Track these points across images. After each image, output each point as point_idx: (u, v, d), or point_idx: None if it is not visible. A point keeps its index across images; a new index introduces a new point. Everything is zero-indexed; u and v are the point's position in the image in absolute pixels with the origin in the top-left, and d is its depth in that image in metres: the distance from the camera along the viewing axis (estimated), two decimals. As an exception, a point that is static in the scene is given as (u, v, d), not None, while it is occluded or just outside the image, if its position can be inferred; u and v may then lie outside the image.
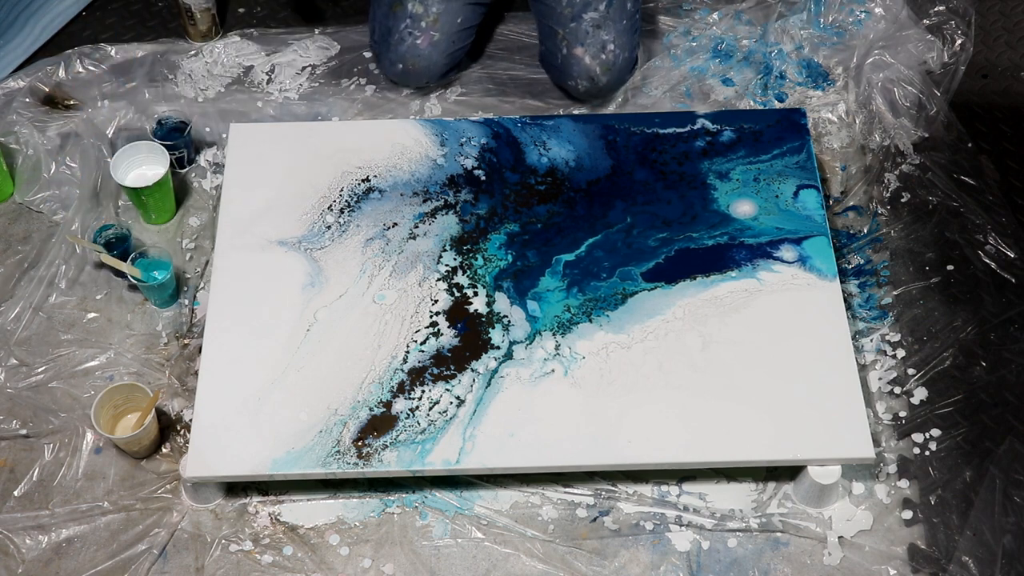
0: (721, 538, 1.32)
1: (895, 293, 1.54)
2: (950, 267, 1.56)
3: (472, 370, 1.30)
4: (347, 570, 1.29)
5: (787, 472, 1.36)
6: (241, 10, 1.92)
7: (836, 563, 1.30)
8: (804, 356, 1.30)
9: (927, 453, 1.39)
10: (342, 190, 1.46)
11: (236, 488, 1.34)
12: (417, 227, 1.42)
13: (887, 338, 1.49)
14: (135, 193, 1.54)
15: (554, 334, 1.32)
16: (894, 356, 1.47)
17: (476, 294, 1.36)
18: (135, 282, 1.45)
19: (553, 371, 1.30)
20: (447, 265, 1.39)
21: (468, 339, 1.32)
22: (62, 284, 1.51)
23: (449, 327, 1.33)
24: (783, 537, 1.32)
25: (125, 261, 1.45)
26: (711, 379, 1.29)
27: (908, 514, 1.34)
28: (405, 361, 1.31)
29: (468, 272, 1.38)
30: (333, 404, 1.27)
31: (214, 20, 1.83)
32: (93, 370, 1.44)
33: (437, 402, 1.28)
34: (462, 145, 1.51)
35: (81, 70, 1.76)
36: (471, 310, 1.35)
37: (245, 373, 1.30)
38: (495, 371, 1.30)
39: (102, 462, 1.36)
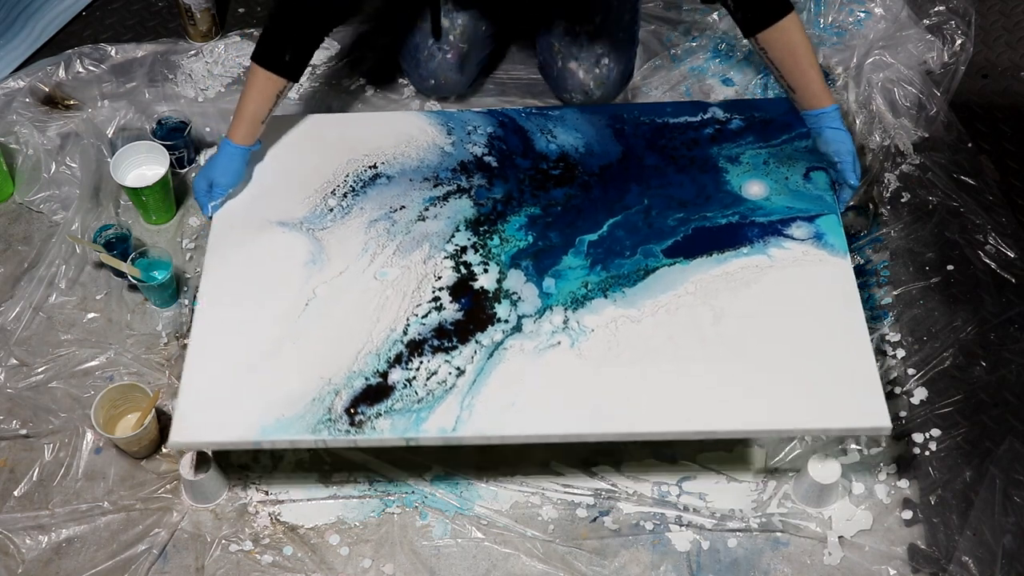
0: (721, 538, 1.32)
1: (895, 293, 1.54)
2: (950, 267, 1.56)
3: (475, 342, 1.28)
4: (347, 570, 1.29)
5: (787, 472, 1.36)
6: (241, 10, 1.92)
7: (836, 563, 1.30)
8: (816, 329, 1.28)
9: (927, 453, 1.39)
10: (347, 176, 1.45)
11: (236, 488, 1.34)
12: (427, 210, 1.41)
13: (887, 338, 1.49)
14: (135, 193, 1.54)
15: (565, 309, 1.30)
16: (894, 356, 1.47)
17: (486, 271, 1.34)
18: (135, 282, 1.45)
19: (559, 343, 1.27)
20: (457, 244, 1.37)
21: (472, 314, 1.30)
22: (62, 284, 1.51)
23: (452, 302, 1.31)
24: (783, 537, 1.32)
25: (125, 261, 1.45)
26: (722, 350, 1.26)
27: (908, 514, 1.34)
28: (405, 333, 1.28)
29: (481, 251, 1.36)
30: (327, 374, 1.25)
31: (214, 20, 1.83)
32: (93, 370, 1.44)
33: (435, 372, 1.25)
34: (469, 134, 1.50)
35: (81, 70, 1.76)
36: (476, 287, 1.33)
37: (237, 343, 1.28)
38: (500, 343, 1.27)
39: (102, 462, 1.36)
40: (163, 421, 1.39)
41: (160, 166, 1.55)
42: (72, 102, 1.73)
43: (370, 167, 1.46)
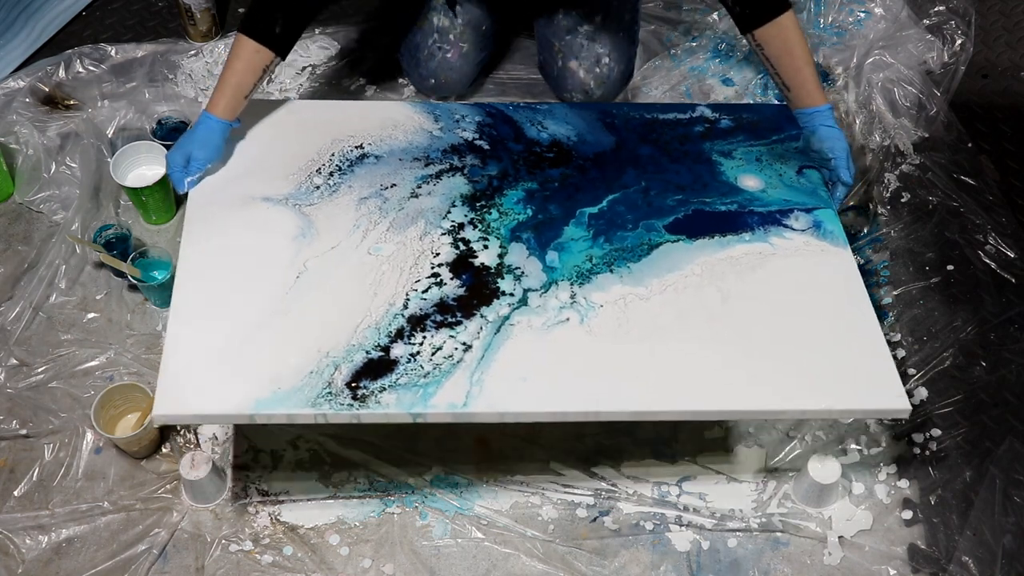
0: (721, 538, 1.32)
1: (895, 293, 1.54)
2: (950, 267, 1.56)
3: (480, 316, 1.23)
4: (347, 570, 1.29)
5: (787, 472, 1.36)
6: (241, 10, 1.92)
7: (836, 563, 1.30)
8: (827, 315, 1.26)
9: (927, 453, 1.39)
10: (332, 155, 1.39)
11: (236, 488, 1.34)
12: (420, 187, 1.36)
13: (887, 338, 1.49)
14: (135, 193, 1.54)
15: (571, 284, 1.27)
16: (894, 356, 1.47)
17: (486, 247, 1.30)
18: (135, 282, 1.45)
19: (568, 319, 1.23)
20: (453, 221, 1.33)
21: (475, 289, 1.25)
22: (62, 284, 1.51)
23: (453, 278, 1.26)
24: (783, 537, 1.32)
25: (125, 261, 1.45)
26: (735, 333, 1.24)
27: (908, 514, 1.34)
28: (405, 307, 1.23)
29: (480, 226, 1.32)
30: (324, 347, 1.18)
31: (214, 20, 1.83)
32: (93, 370, 1.43)
33: (440, 348, 1.20)
34: (457, 121, 1.47)
35: (81, 70, 1.76)
36: (477, 263, 1.28)
37: (223, 314, 1.21)
38: (506, 317, 1.23)
39: (102, 462, 1.36)
40: (163, 421, 1.39)
41: (160, 166, 1.55)
42: (72, 102, 1.73)
43: (356, 147, 1.41)
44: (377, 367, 1.18)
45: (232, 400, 1.14)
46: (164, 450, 1.38)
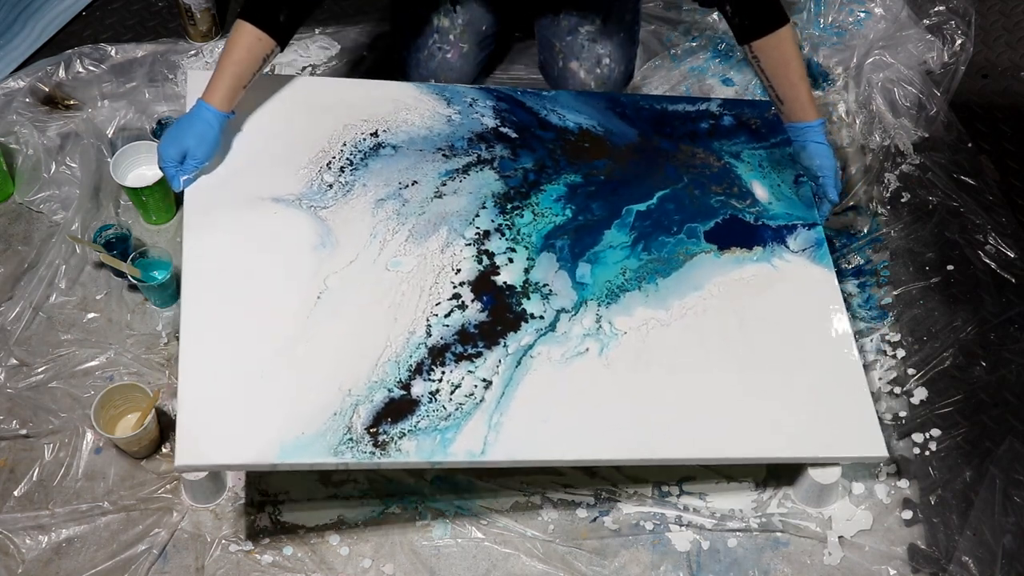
0: (721, 538, 1.32)
1: (895, 293, 1.54)
2: (950, 267, 1.56)
3: (503, 346, 1.17)
4: (347, 570, 1.29)
5: (787, 472, 1.36)
6: (241, 10, 1.92)
7: (836, 563, 1.30)
8: (817, 353, 1.28)
9: (927, 453, 1.39)
10: (344, 144, 1.29)
11: (236, 488, 1.34)
12: (444, 185, 1.26)
13: (887, 338, 1.49)
14: (135, 193, 1.54)
15: (598, 304, 1.22)
16: (894, 356, 1.47)
17: (511, 261, 1.22)
18: (135, 282, 1.45)
19: (587, 350, 1.19)
20: (479, 228, 1.24)
21: (497, 312, 1.18)
22: (62, 284, 1.51)
23: (474, 300, 1.19)
24: (783, 537, 1.32)
25: (125, 261, 1.45)
26: (739, 370, 1.24)
27: (908, 514, 1.34)
28: (428, 335, 1.16)
29: (508, 233, 1.23)
30: (346, 384, 1.12)
31: (214, 20, 1.83)
32: (93, 370, 1.43)
33: (459, 385, 1.14)
34: (470, 105, 1.38)
35: (81, 70, 1.76)
36: (499, 282, 1.21)
37: (242, 342, 1.13)
38: (529, 347, 1.17)
39: (102, 462, 1.36)
40: (163, 421, 1.39)
41: (160, 166, 1.55)
42: (72, 102, 1.73)
43: (371, 134, 1.31)
44: (397, 408, 1.12)
45: (257, 447, 1.08)
46: (164, 450, 1.38)
